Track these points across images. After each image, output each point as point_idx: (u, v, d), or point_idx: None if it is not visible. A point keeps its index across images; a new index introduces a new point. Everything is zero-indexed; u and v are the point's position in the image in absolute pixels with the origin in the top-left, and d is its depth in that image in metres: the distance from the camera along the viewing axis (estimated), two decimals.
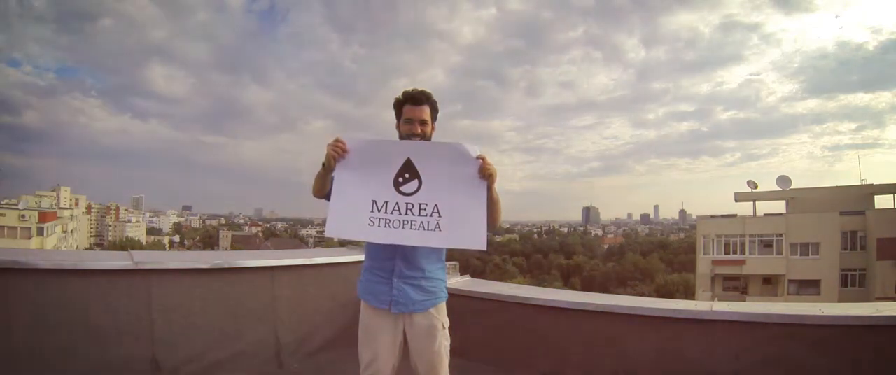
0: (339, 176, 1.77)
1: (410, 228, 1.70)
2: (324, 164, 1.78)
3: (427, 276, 1.82)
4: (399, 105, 1.88)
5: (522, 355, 3.14)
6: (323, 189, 1.83)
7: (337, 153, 1.75)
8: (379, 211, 1.73)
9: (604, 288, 42.43)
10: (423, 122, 1.85)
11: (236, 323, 3.04)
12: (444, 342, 1.84)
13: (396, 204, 1.73)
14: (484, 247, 1.69)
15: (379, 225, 1.72)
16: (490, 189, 1.73)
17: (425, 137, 1.86)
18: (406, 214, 1.72)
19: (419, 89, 1.86)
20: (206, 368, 2.89)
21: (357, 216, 1.73)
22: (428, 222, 1.70)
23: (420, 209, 1.71)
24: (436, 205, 1.71)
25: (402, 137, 1.87)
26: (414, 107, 1.84)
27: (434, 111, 1.89)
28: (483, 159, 1.70)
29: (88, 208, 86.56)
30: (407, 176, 1.74)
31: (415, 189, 1.73)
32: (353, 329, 1.90)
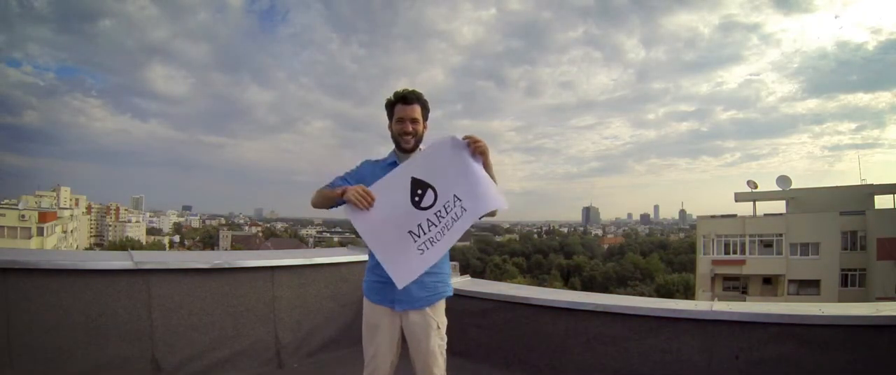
0: (366, 227, 1.73)
1: (448, 230, 1.74)
2: (340, 195, 1.74)
3: (430, 271, 1.83)
4: (390, 105, 1.90)
5: (522, 355, 3.14)
6: (325, 207, 1.83)
7: (363, 205, 1.70)
8: (421, 237, 1.73)
9: (604, 288, 42.46)
10: (414, 121, 1.87)
11: (236, 323, 3.04)
12: (438, 341, 1.87)
13: (427, 220, 1.75)
14: (505, 205, 1.78)
15: (429, 248, 1.73)
16: (487, 166, 1.80)
17: (417, 135, 1.89)
18: (439, 223, 1.75)
19: (409, 89, 1.90)
20: (206, 368, 2.89)
21: (409, 255, 1.72)
22: (457, 213, 1.75)
23: (445, 208, 1.75)
24: (454, 195, 1.75)
25: (394, 136, 1.90)
26: (405, 107, 1.87)
27: (425, 110, 1.92)
28: (471, 138, 1.78)
29: (88, 208, 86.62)
30: (419, 192, 1.76)
31: (433, 199, 1.76)
32: (354, 329, 1.91)
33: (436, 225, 1.74)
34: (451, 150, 1.78)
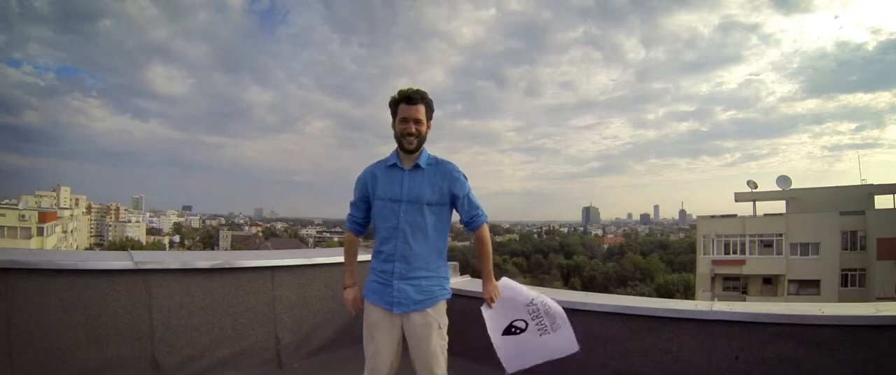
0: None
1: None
2: (345, 287, 2.09)
3: (427, 275, 1.84)
4: (394, 104, 1.90)
5: None
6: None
7: (349, 314, 2.09)
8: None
9: (604, 288, 42.47)
10: (417, 121, 1.86)
11: (236, 323, 3.04)
12: (439, 341, 1.87)
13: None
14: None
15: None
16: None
17: (420, 136, 1.87)
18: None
19: (414, 89, 1.88)
20: (206, 368, 2.89)
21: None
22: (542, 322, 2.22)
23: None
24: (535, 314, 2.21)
25: (397, 136, 1.89)
26: (408, 107, 1.86)
27: (429, 110, 1.91)
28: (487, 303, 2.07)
29: (88, 208, 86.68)
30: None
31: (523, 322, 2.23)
32: (354, 329, 1.92)
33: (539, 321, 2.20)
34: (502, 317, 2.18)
